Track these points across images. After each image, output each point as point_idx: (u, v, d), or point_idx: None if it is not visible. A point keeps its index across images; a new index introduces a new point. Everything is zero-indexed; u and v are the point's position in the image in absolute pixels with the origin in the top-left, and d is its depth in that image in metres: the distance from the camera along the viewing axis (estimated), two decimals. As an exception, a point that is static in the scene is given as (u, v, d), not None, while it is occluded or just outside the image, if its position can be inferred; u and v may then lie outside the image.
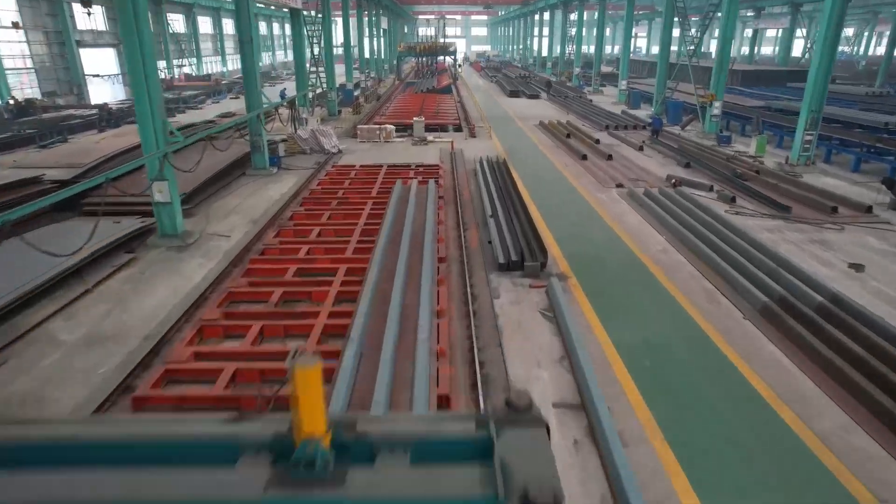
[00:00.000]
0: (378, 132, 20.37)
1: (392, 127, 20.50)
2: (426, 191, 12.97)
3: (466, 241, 10.39)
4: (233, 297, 8.16)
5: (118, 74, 35.51)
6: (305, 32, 23.65)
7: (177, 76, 43.15)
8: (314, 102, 22.60)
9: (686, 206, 12.19)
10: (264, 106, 15.62)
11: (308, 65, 24.18)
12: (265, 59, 68.54)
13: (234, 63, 57.35)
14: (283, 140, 18.81)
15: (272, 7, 22.94)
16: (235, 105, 32.86)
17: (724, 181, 14.83)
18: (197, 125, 20.72)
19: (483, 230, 11.11)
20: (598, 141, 20.16)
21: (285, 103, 18.98)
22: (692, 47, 23.85)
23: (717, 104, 21.07)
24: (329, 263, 9.10)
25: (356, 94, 33.98)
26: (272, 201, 13.20)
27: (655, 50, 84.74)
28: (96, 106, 26.77)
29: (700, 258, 9.70)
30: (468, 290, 8.29)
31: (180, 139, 9.97)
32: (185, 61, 45.29)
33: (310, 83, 21.62)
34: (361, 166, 16.12)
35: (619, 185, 14.39)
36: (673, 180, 14.40)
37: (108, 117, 25.46)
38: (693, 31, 24.67)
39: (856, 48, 60.40)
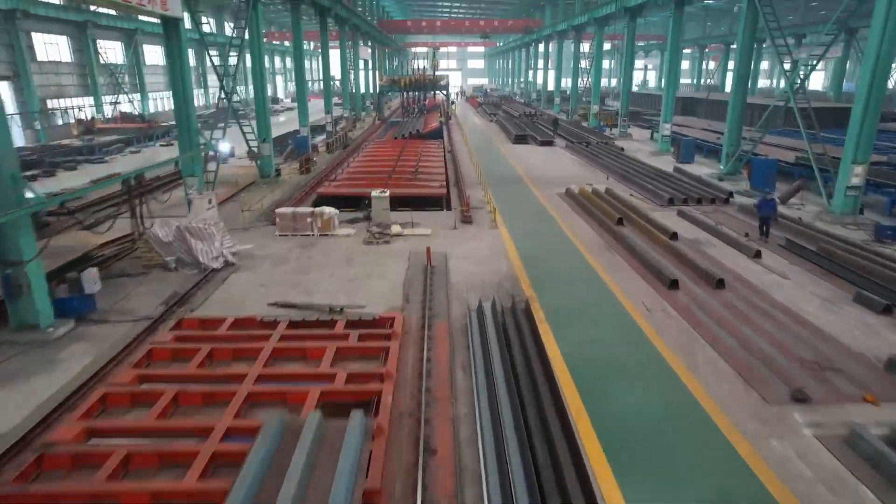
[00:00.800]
0: (310, 220, 12.34)
1: (332, 211, 12.45)
2: (334, 468, 4.81)
3: None
4: None
5: (15, 114, 27.70)
6: (207, 59, 15.85)
7: (110, 115, 35.49)
8: (211, 167, 14.67)
9: None
10: (29, 200, 7.56)
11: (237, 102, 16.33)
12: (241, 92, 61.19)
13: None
14: (129, 246, 10.75)
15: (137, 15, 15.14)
16: (166, 153, 25.07)
17: None
18: None
19: None
20: (674, 235, 12.15)
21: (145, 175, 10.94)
22: (797, 82, 16.05)
23: (857, 169, 13.14)
24: None
25: (315, 142, 26.24)
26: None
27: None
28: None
29: None
30: None
31: None
32: (127, 97, 37.63)
33: (202, 142, 13.64)
34: (236, 322, 7.97)
35: (800, 397, 6.21)
36: (928, 388, 6.26)
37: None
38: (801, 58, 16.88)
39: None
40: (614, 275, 10.09)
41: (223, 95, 16.03)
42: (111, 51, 36.76)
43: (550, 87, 53.26)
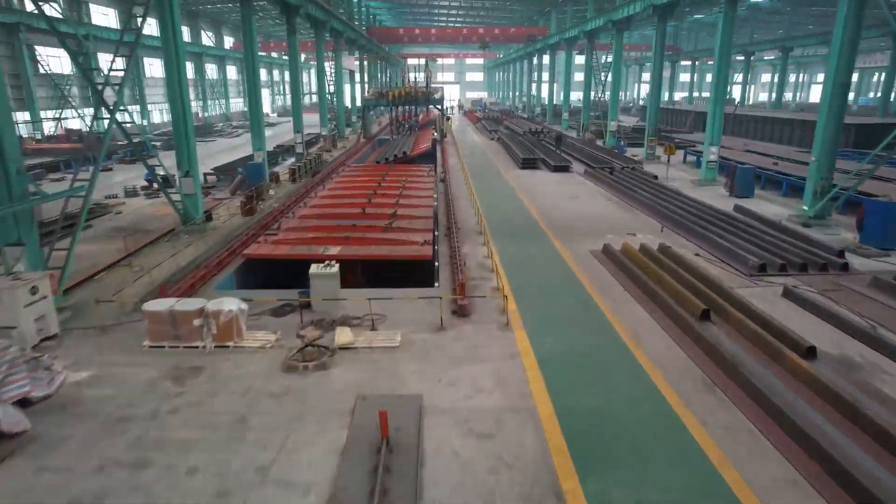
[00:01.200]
0: (198, 322, 7.35)
1: (236, 308, 7.45)
2: None
3: None
4: None
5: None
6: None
7: (52, 131, 30.70)
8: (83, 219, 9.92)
9: None
10: None
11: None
12: (217, 107, 56.42)
13: (162, 114, 45.23)
14: None
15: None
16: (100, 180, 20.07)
17: None
18: None
19: None
20: (811, 351, 7.20)
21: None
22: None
23: None
24: None
25: (277, 168, 21.43)
26: None
27: (678, 96, 73.93)
28: None
29: None
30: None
31: None
32: (77, 112, 32.77)
33: (33, 190, 8.75)
34: None
35: None
36: None
37: None
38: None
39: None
40: (748, 468, 5.10)
41: (103, 114, 11.22)
42: (55, 59, 32.01)
43: (556, 101, 48.69)
